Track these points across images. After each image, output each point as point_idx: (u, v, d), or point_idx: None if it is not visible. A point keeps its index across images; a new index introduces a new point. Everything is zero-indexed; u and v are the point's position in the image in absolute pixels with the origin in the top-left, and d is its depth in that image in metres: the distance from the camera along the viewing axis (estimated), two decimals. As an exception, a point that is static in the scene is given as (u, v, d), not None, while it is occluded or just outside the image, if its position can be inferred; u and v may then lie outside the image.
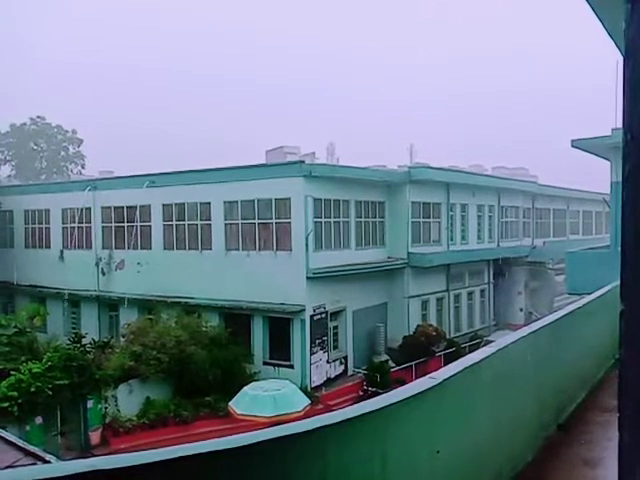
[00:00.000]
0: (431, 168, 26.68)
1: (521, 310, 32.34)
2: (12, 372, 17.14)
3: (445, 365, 3.23)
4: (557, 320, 5.46)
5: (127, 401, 18.73)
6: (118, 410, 18.47)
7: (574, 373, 6.28)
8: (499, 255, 31.27)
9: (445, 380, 2.81)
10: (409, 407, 2.42)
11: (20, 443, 6.57)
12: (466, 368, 3.17)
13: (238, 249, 22.61)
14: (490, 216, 31.42)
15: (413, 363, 22.40)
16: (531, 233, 36.05)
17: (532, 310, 31.91)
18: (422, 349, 23.28)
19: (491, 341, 4.70)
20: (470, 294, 29.77)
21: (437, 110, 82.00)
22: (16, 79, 68.79)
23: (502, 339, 4.39)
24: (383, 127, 73.82)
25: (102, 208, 26.40)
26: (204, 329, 21.02)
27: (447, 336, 26.04)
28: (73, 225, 27.33)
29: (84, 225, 27.01)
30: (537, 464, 4.46)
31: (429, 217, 26.67)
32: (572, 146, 18.47)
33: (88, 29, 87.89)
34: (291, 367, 21.12)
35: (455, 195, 27.95)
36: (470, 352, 3.94)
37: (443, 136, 67.71)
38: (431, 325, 25.13)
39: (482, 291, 30.83)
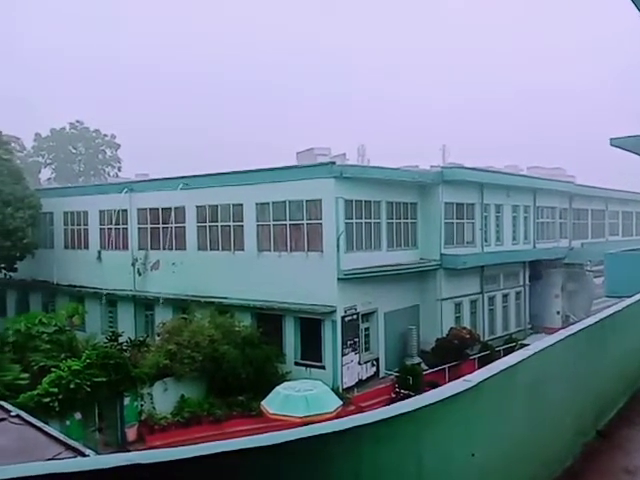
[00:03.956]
0: (464, 168, 26.31)
1: (558, 313, 31.53)
2: (53, 369, 17.70)
3: (479, 368, 3.18)
4: (596, 323, 5.31)
5: (162, 399, 19.09)
6: (153, 407, 18.84)
7: (615, 378, 6.10)
8: (535, 257, 30.61)
9: (480, 383, 2.77)
10: (444, 409, 2.39)
11: (62, 437, 6.78)
12: (502, 371, 3.12)
13: (270, 250, 22.78)
14: (525, 217, 30.78)
15: (446, 366, 22.11)
16: (568, 234, 35.14)
17: (569, 313, 31.08)
18: (455, 352, 22.97)
19: (527, 344, 4.60)
20: (505, 296, 29.22)
21: (471, 111, 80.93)
22: (53, 82, 71.09)
23: (539, 342, 4.29)
24: (416, 128, 73.16)
25: (138, 210, 26.99)
26: (237, 329, 21.25)
27: (481, 339, 25.63)
28: (110, 226, 28.03)
29: (121, 226, 27.66)
30: (575, 471, 4.34)
31: (462, 218, 26.30)
32: (611, 145, 17.91)
33: (121, 31, 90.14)
34: (322, 368, 21.14)
35: (489, 195, 27.49)
36: (505, 355, 3.87)
37: (477, 137, 66.77)
38: (465, 328, 24.77)
39: (517, 293, 30.21)
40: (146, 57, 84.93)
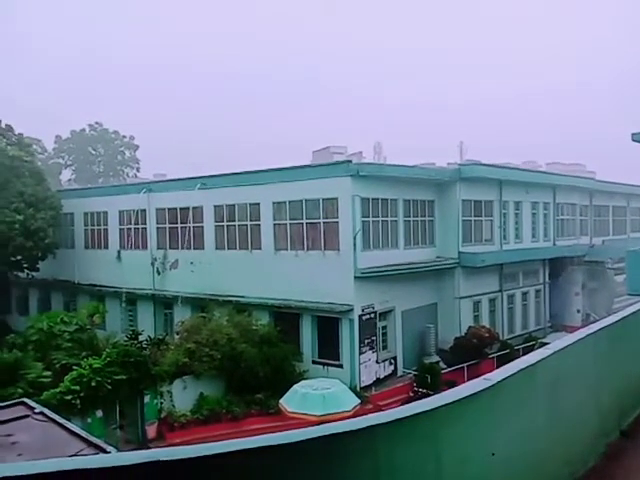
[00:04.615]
0: (482, 165, 26.04)
1: (578, 311, 31.06)
2: (74, 367, 17.98)
3: (498, 367, 3.16)
4: (618, 321, 5.23)
5: (181, 397, 19.28)
6: (173, 405, 19.03)
7: (638, 377, 5.99)
8: (555, 254, 30.19)
9: (500, 382, 2.75)
10: (463, 408, 2.38)
11: (84, 434, 6.88)
12: (521, 370, 3.09)
13: (287, 249, 22.84)
14: (545, 214, 30.37)
15: (465, 365, 21.95)
16: (589, 231, 34.59)
17: (590, 312, 30.59)
18: (474, 351, 22.78)
19: (546, 343, 4.55)
20: (524, 295, 28.89)
21: (488, 109, 79.95)
22: (75, 83, 72.03)
23: (559, 341, 4.24)
24: (432, 126, 72.70)
25: (157, 210, 27.27)
26: (254, 327, 21.35)
27: (500, 338, 25.37)
28: (129, 226, 28.36)
29: (140, 226, 27.97)
30: (598, 471, 4.28)
31: (481, 215, 26.05)
32: (633, 140, 17.57)
33: (139, 31, 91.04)
34: (340, 366, 21.14)
35: (508, 192, 27.19)
36: (524, 354, 3.84)
37: (494, 134, 66.02)
38: (483, 326, 24.55)
39: (537, 291, 29.85)
40: (165, 57, 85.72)
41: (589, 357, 4.48)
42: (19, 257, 28.05)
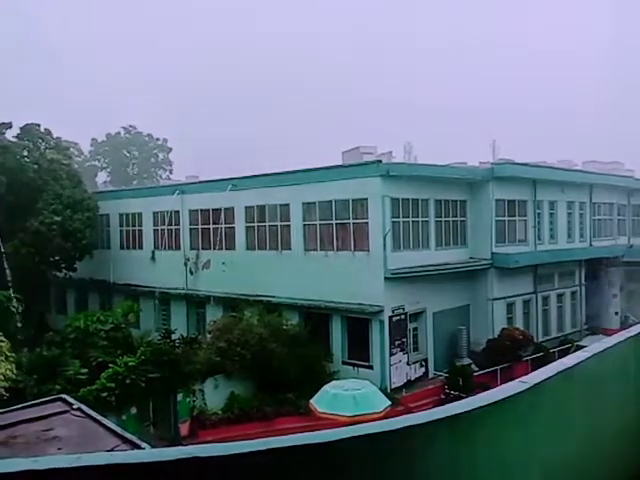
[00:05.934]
0: (516, 164, 25.56)
1: (616, 314, 30.18)
2: (110, 365, 18.42)
3: (533, 371, 3.09)
4: (661, 324, 5.05)
5: (213, 395, 19.52)
6: (205, 404, 19.29)
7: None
8: (591, 255, 29.39)
9: (536, 384, 2.69)
10: (499, 410, 2.34)
11: (119, 430, 7.04)
12: (559, 372, 3.02)
13: (316, 249, 22.88)
14: (581, 214, 29.61)
15: (498, 368, 21.56)
16: (627, 231, 33.55)
17: (629, 314, 29.69)
18: (507, 353, 22.36)
19: (583, 346, 4.43)
20: (560, 296, 28.20)
21: (521, 107, 78.39)
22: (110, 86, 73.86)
23: (597, 344, 4.12)
24: (464, 125, 71.68)
25: (189, 211, 27.71)
26: (285, 327, 21.46)
27: (535, 340, 24.85)
28: (163, 227, 28.89)
29: (173, 227, 28.48)
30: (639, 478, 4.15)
31: (514, 215, 25.57)
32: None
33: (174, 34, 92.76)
34: (370, 368, 21.06)
35: (542, 192, 26.60)
36: (560, 357, 3.75)
37: (528, 132, 64.55)
38: (517, 328, 24.08)
39: (573, 293, 29.10)
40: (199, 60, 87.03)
41: (630, 360, 4.35)
42: (57, 257, 28.90)
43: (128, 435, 7.01)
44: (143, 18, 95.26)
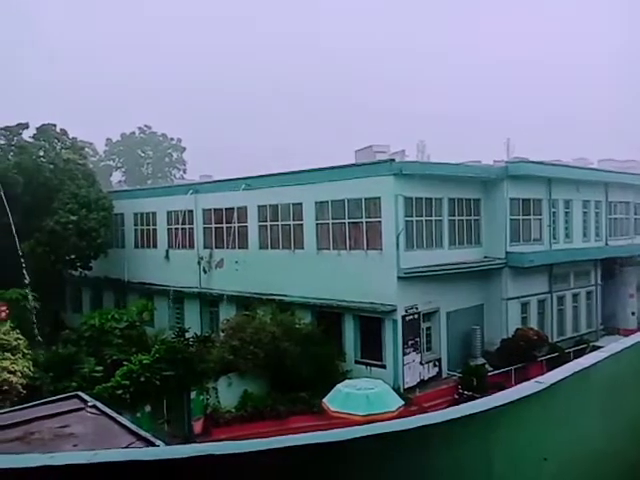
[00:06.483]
0: (530, 162, 25.31)
1: (633, 314, 29.77)
2: (124, 362, 18.59)
3: (547, 371, 3.06)
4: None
5: (226, 393, 19.62)
6: (218, 402, 19.39)
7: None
8: (607, 254, 29.02)
9: (552, 385, 2.65)
10: (514, 410, 2.32)
11: (134, 428, 7.09)
12: (575, 373, 2.98)
13: (329, 248, 22.88)
14: (597, 212, 29.24)
15: (512, 368, 21.39)
16: (644, 230, 33.06)
17: (646, 314, 29.27)
18: (522, 353, 22.16)
19: (599, 346, 4.38)
20: (575, 296, 27.88)
21: (532, 105, 77.64)
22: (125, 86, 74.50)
23: (614, 344, 4.06)
24: (477, 123, 71.11)
25: (203, 210, 27.86)
26: (297, 326, 21.49)
27: (550, 340, 24.60)
28: (177, 226, 29.09)
29: (187, 226, 28.66)
30: (657, 481, 4.09)
31: (529, 214, 25.32)
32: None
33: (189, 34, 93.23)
34: (383, 367, 21.01)
35: (557, 190, 26.32)
36: (575, 358, 3.70)
37: (542, 131, 63.85)
38: (532, 328, 23.85)
39: (588, 293, 28.76)
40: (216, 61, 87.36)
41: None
42: (73, 256, 29.21)
43: (143, 432, 7.05)
44: (167, 19, 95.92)
